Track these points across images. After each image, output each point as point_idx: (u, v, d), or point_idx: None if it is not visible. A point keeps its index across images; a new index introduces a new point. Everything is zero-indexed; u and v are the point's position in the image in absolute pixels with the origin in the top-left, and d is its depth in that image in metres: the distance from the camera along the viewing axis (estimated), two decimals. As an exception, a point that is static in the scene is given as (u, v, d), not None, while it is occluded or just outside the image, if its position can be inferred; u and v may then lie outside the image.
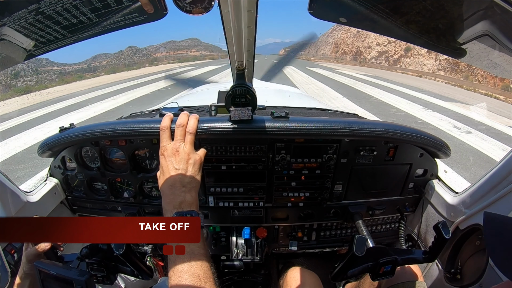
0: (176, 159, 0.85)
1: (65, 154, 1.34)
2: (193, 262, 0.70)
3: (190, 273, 0.68)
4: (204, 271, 0.69)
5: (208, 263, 0.72)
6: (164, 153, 0.87)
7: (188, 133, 0.89)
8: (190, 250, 0.71)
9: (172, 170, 0.84)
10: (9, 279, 1.03)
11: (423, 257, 1.04)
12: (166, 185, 0.83)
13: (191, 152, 0.87)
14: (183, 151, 0.86)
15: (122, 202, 1.40)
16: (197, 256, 0.71)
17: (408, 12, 0.55)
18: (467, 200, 1.18)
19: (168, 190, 0.82)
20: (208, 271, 0.71)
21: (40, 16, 0.52)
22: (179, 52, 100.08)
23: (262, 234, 1.38)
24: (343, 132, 1.16)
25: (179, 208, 0.77)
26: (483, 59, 0.66)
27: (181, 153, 0.85)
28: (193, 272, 0.68)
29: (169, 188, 0.82)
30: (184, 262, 0.69)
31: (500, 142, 7.55)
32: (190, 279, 0.67)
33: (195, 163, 0.86)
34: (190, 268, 0.69)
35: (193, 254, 0.71)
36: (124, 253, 0.92)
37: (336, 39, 66.96)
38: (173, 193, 0.81)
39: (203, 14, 0.51)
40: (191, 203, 0.80)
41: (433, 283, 1.33)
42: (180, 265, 0.69)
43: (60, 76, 41.30)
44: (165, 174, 0.85)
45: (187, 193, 0.81)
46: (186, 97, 3.53)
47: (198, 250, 0.72)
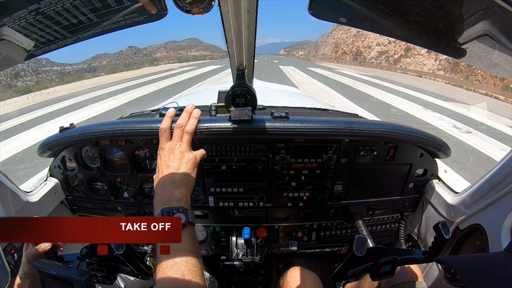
0: (170, 158, 0.85)
1: (65, 154, 1.34)
2: (177, 259, 0.69)
3: (174, 269, 0.68)
4: (189, 267, 0.69)
5: (195, 259, 0.71)
6: (160, 152, 0.88)
7: (185, 132, 0.89)
8: (176, 247, 0.71)
9: (165, 169, 0.84)
10: (9, 279, 1.03)
11: (423, 257, 1.04)
12: (159, 184, 0.84)
13: (186, 151, 0.87)
14: (177, 150, 0.86)
15: (122, 202, 1.40)
16: (183, 252, 0.70)
17: (408, 12, 0.55)
18: (467, 200, 1.18)
19: (160, 189, 0.82)
20: (194, 268, 0.70)
21: (40, 16, 0.52)
22: (179, 52, 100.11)
23: (262, 234, 1.38)
24: (343, 132, 1.16)
25: (167, 204, 0.77)
26: (483, 59, 0.66)
27: (175, 152, 0.86)
28: (177, 268, 0.68)
29: (161, 186, 0.82)
30: (169, 259, 0.69)
31: (500, 142, 7.54)
32: (174, 276, 0.67)
33: (189, 161, 0.86)
34: (174, 265, 0.68)
35: (178, 250, 0.71)
36: (124, 253, 0.92)
37: (336, 39, 66.97)
38: (163, 190, 0.81)
39: (203, 14, 0.51)
40: (180, 198, 0.79)
41: (433, 283, 1.33)
42: (164, 262, 0.69)
43: (60, 76, 41.34)
44: (159, 174, 0.85)
45: (176, 189, 0.80)
46: (186, 97, 3.53)
47: (184, 247, 0.72)
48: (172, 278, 0.67)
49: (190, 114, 0.94)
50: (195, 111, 0.95)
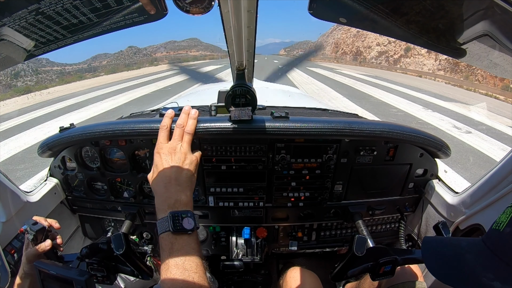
0: (173, 158, 0.84)
1: (65, 154, 1.34)
2: (182, 257, 0.71)
3: (178, 266, 0.69)
4: (191, 265, 0.70)
5: (199, 260, 0.73)
6: (160, 151, 0.86)
7: (186, 133, 0.89)
8: (181, 248, 0.72)
9: (168, 169, 0.83)
10: (9, 279, 1.03)
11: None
12: (160, 183, 0.82)
13: (188, 152, 0.87)
14: (180, 150, 0.85)
15: (122, 202, 1.40)
16: (188, 253, 0.72)
17: (408, 12, 0.55)
18: (467, 200, 1.18)
19: (163, 189, 0.81)
20: (197, 265, 0.71)
21: (40, 16, 0.52)
22: (179, 52, 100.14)
23: (262, 234, 1.38)
24: (343, 132, 1.16)
25: (174, 207, 0.77)
26: (483, 59, 0.66)
27: (178, 153, 0.85)
28: (182, 265, 0.70)
29: (164, 186, 0.81)
30: (173, 256, 0.71)
31: (500, 142, 7.55)
32: (178, 272, 0.68)
33: (191, 163, 0.86)
34: (178, 262, 0.70)
35: (182, 249, 0.72)
36: (124, 253, 0.92)
37: (336, 39, 66.97)
38: (168, 191, 0.80)
39: (203, 14, 0.51)
40: (186, 203, 0.79)
41: (433, 283, 1.33)
42: (168, 260, 0.71)
43: (60, 76, 41.34)
44: (160, 173, 0.83)
45: (182, 192, 0.80)
46: (186, 97, 3.53)
47: (188, 245, 0.73)
48: (177, 278, 0.68)
49: (188, 115, 0.93)
50: (193, 111, 0.94)
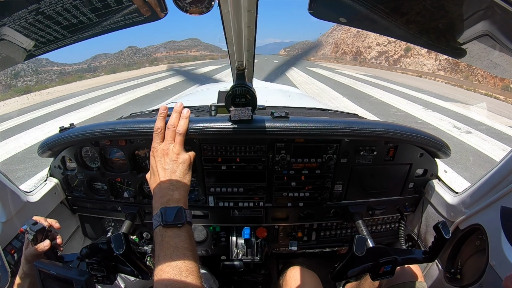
0: (166, 160, 0.86)
1: (65, 154, 1.34)
2: (175, 256, 0.71)
3: (172, 266, 0.69)
4: (186, 264, 0.70)
5: (192, 258, 0.73)
6: (154, 154, 0.88)
7: (177, 134, 0.89)
8: (174, 245, 0.73)
9: (161, 171, 0.85)
10: (9, 279, 1.03)
11: (423, 257, 1.04)
12: (156, 185, 0.85)
13: (180, 153, 0.88)
14: (172, 152, 0.87)
15: (122, 202, 1.40)
16: (180, 250, 0.72)
17: (408, 12, 0.55)
18: (467, 200, 1.18)
19: (158, 190, 0.83)
20: (191, 265, 0.71)
21: (40, 16, 0.52)
22: (179, 52, 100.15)
23: (262, 234, 1.38)
24: (343, 132, 1.16)
25: (166, 204, 0.79)
26: (483, 59, 0.66)
27: (170, 154, 0.86)
28: (175, 265, 0.69)
29: (158, 188, 0.83)
30: (167, 256, 0.71)
31: (500, 142, 7.55)
32: (171, 272, 0.68)
33: (184, 162, 0.87)
34: (172, 263, 0.70)
35: (176, 248, 0.72)
36: (124, 253, 0.92)
37: (336, 39, 66.97)
38: (161, 191, 0.82)
39: (203, 14, 0.51)
40: (178, 199, 0.81)
41: (433, 283, 1.33)
42: (162, 259, 0.71)
43: (60, 76, 41.35)
44: (155, 175, 0.86)
45: (175, 191, 0.82)
46: (186, 97, 3.53)
47: (182, 245, 0.73)
48: (169, 276, 0.68)
49: (180, 114, 0.93)
50: (185, 110, 0.94)
